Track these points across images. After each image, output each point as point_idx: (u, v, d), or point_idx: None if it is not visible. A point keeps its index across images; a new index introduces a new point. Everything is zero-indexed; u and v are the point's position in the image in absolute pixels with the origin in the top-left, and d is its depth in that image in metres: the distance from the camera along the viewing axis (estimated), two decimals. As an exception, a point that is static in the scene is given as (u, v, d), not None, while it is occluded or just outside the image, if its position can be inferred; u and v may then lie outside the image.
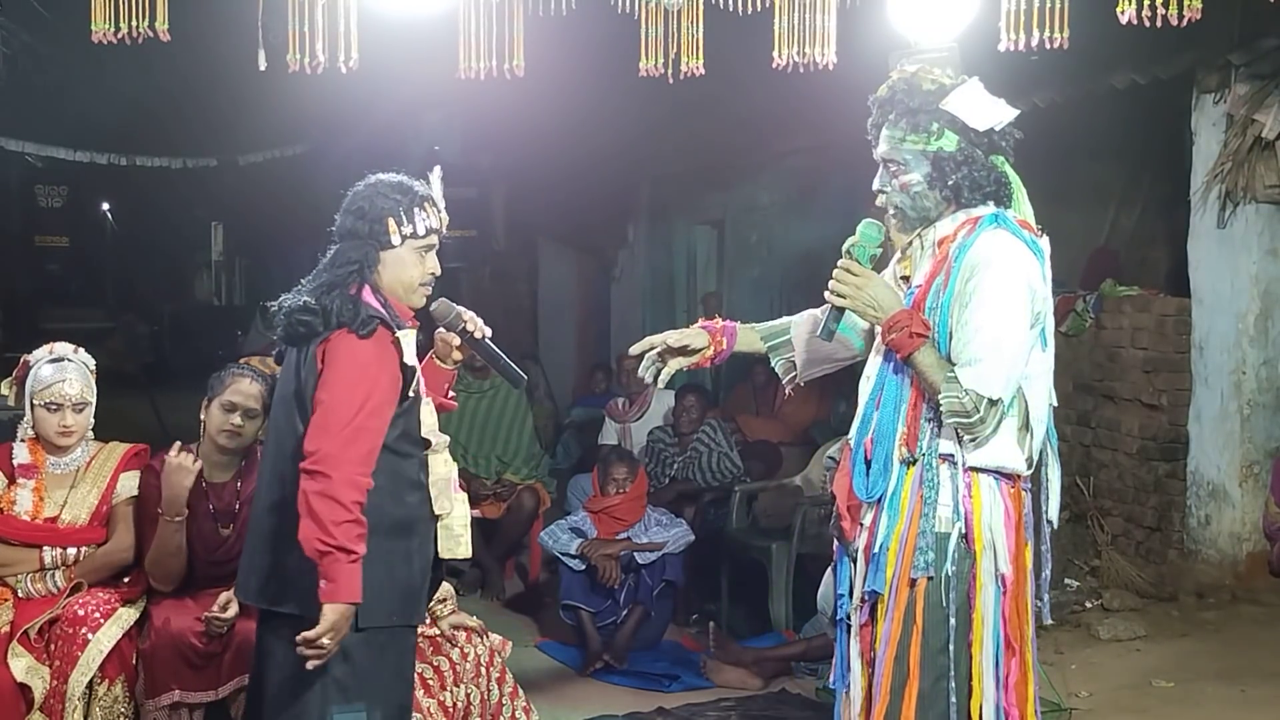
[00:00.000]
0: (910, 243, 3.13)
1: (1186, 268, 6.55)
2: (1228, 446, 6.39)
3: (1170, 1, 3.42)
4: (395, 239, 3.11)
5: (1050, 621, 3.25)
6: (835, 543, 3.23)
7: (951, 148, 3.02)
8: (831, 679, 3.29)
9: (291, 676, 3.05)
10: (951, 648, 3.00)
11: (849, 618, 3.16)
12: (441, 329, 3.36)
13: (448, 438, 3.23)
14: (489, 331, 3.34)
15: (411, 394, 3.10)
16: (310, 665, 2.93)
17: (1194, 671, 5.35)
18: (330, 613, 2.89)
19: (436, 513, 3.17)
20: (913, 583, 3.00)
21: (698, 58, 4.08)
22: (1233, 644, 5.69)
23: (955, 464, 3.00)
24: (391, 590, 3.07)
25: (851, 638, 3.15)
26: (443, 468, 3.18)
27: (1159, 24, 3.44)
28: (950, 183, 3.03)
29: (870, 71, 3.16)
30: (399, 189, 3.14)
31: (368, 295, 3.09)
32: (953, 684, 2.99)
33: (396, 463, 3.09)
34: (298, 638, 2.91)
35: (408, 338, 3.06)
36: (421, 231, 3.13)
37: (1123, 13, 3.46)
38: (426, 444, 3.16)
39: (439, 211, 3.19)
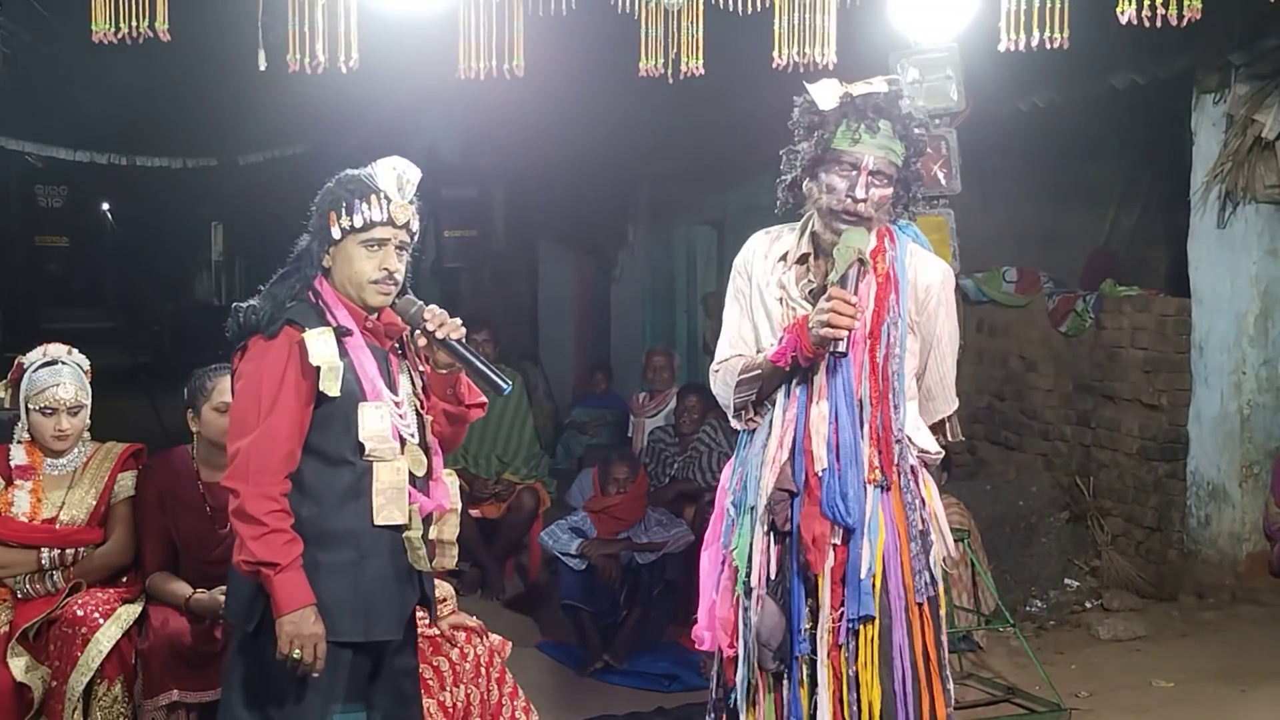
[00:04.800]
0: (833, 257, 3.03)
1: (1186, 268, 6.56)
2: (1228, 446, 6.40)
3: (1170, 1, 3.42)
4: (335, 232, 2.99)
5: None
6: (783, 577, 3.06)
7: (905, 158, 3.01)
8: None
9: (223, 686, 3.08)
10: (943, 637, 3.06)
11: (812, 652, 3.01)
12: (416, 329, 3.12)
13: (397, 444, 2.98)
14: (460, 332, 3.05)
15: (336, 395, 2.91)
16: (301, 675, 2.90)
17: (1194, 671, 5.35)
18: (279, 629, 2.82)
19: (380, 523, 2.95)
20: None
21: (698, 58, 4.08)
22: (1233, 644, 5.70)
23: (916, 472, 3.05)
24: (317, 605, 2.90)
25: (819, 665, 3.00)
26: (392, 476, 2.96)
27: (1159, 24, 3.44)
28: (911, 195, 3.04)
29: (870, 72, 3.14)
30: (353, 181, 3.02)
31: (323, 288, 3.04)
32: (946, 670, 3.06)
33: (322, 470, 2.95)
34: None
35: (318, 336, 2.91)
36: (359, 224, 2.97)
37: (1123, 13, 3.46)
38: (361, 449, 2.95)
39: (387, 204, 2.98)
